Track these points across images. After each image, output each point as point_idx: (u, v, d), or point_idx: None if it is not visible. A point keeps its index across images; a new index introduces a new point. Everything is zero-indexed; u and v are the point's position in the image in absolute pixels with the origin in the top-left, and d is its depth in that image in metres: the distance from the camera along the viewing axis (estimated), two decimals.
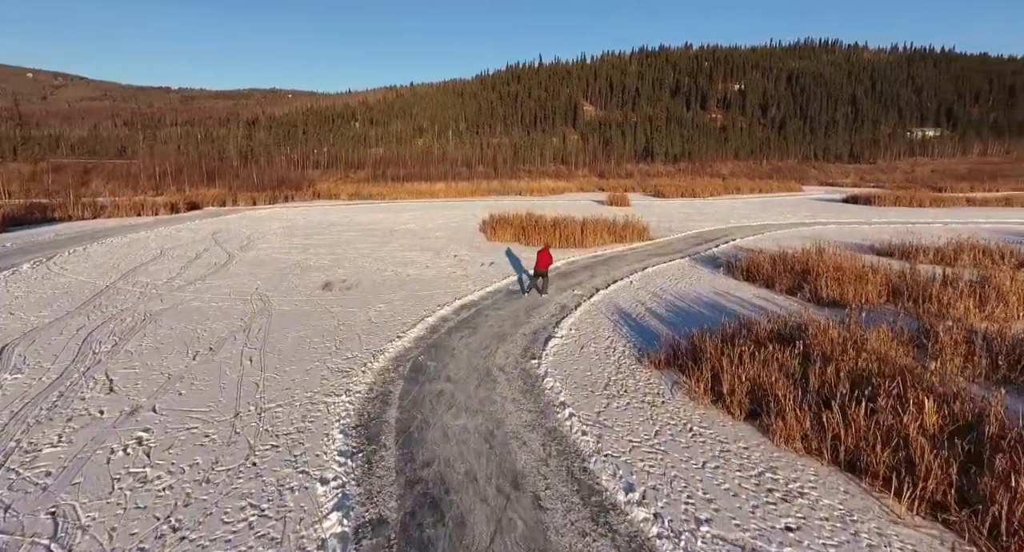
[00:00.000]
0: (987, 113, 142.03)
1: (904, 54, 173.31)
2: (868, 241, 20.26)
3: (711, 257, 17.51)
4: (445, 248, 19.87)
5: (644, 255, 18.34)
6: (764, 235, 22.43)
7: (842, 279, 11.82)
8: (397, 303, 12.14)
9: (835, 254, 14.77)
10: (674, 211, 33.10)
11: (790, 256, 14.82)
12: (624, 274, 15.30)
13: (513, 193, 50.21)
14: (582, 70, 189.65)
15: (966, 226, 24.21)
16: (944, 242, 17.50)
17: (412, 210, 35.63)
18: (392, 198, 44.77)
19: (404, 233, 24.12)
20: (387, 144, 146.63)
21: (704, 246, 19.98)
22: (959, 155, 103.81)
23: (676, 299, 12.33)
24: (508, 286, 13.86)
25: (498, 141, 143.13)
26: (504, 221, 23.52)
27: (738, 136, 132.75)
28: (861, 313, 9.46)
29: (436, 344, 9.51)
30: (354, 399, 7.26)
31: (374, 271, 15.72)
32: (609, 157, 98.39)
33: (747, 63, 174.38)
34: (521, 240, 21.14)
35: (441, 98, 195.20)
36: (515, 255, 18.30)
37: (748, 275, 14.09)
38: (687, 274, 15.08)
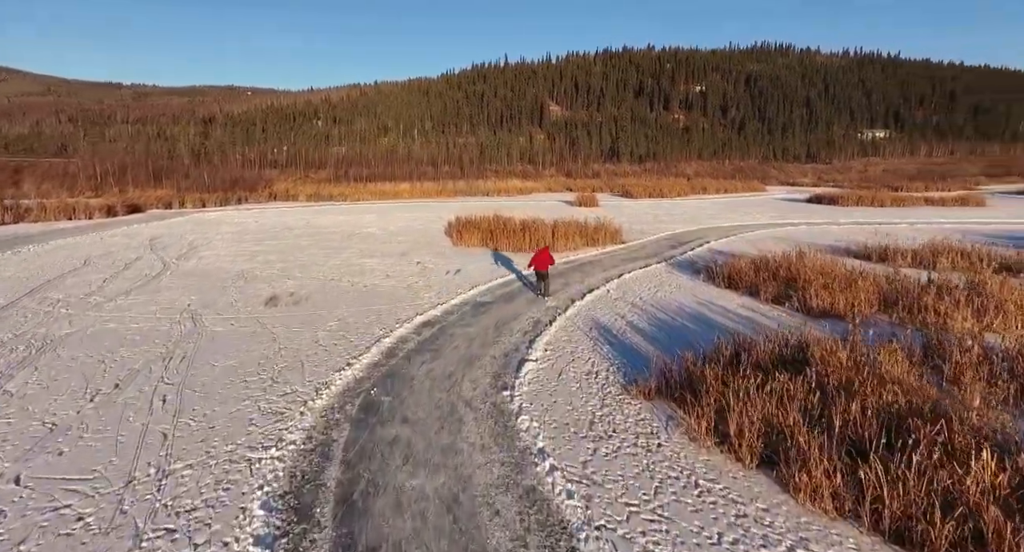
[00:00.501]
0: (930, 116, 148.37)
1: (854, 59, 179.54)
2: (842, 243, 19.82)
3: (688, 262, 16.64)
4: (407, 254, 18.43)
5: (619, 260, 17.35)
6: (737, 237, 21.80)
7: (832, 287, 11.01)
8: (351, 320, 10.70)
9: (817, 259, 14.07)
10: (644, 212, 32.42)
11: (772, 261, 14.03)
12: (600, 282, 14.23)
13: (480, 194, 48.87)
14: (547, 70, 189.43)
15: (930, 226, 24.21)
16: (919, 244, 17.11)
17: (374, 212, 33.89)
18: (354, 199, 42.79)
19: (364, 237, 22.52)
20: (351, 143, 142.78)
21: (679, 249, 19.15)
22: (907, 156, 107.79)
23: (658, 311, 11.29)
24: (476, 298, 12.59)
25: (464, 141, 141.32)
26: (471, 224, 22.20)
27: (701, 137, 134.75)
28: (865, 329, 8.59)
29: (393, 372, 8.17)
30: (286, 453, 5.87)
31: (328, 281, 14.19)
32: (576, 157, 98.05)
33: (707, 65, 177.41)
34: (489, 244, 19.88)
35: (406, 97, 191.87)
36: (483, 262, 17.03)
37: (730, 282, 13.21)
38: (666, 281, 14.11)
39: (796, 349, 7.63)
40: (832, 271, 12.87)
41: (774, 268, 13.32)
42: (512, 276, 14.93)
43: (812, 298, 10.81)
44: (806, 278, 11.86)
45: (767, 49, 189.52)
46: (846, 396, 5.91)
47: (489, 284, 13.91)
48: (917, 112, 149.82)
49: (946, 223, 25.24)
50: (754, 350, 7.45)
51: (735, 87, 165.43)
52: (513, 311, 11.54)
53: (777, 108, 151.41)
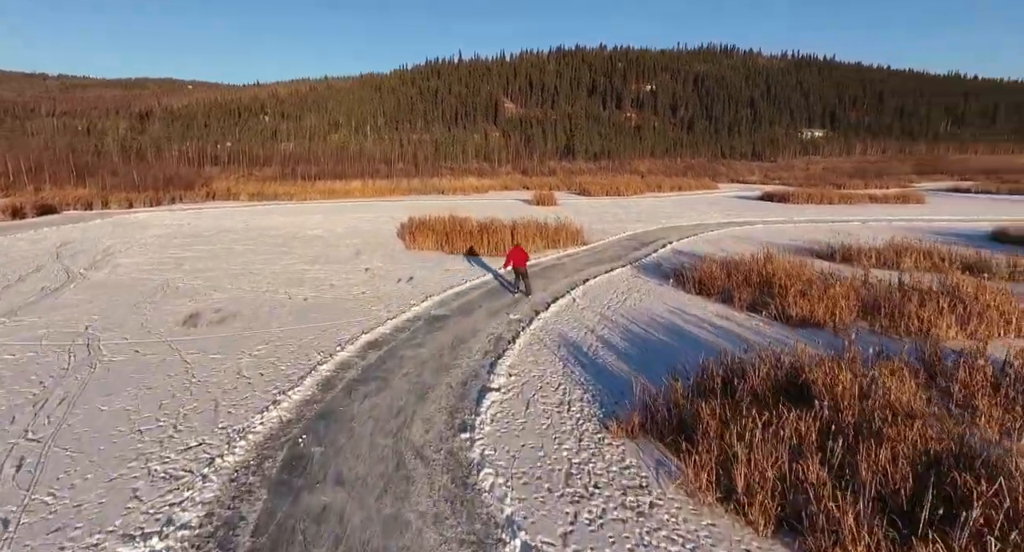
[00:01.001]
0: (862, 116, 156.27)
1: (792, 61, 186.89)
2: (802, 242, 19.55)
3: (654, 265, 15.81)
4: (355, 259, 16.83)
5: (582, 263, 16.34)
6: (699, 237, 21.26)
7: (809, 294, 10.29)
8: (284, 343, 9.17)
9: (786, 261, 13.47)
10: (603, 211, 31.73)
11: (741, 264, 13.34)
12: (564, 288, 13.14)
13: (435, 192, 47.17)
14: (502, 67, 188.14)
15: (880, 224, 24.49)
16: (879, 243, 16.92)
17: (322, 212, 31.77)
18: (301, 198, 40.29)
19: (309, 241, 20.66)
20: (299, 140, 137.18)
21: (643, 251, 18.34)
22: (844, 154, 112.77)
23: (630, 322, 10.29)
24: (430, 310, 11.24)
25: (419, 137, 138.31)
26: (425, 225, 20.74)
27: (652, 135, 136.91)
28: (859, 344, 7.81)
29: (329, 411, 6.77)
30: (174, 543, 4.42)
31: (262, 294, 12.49)
32: (532, 155, 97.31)
33: (657, 65, 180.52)
34: (444, 248, 18.50)
35: (358, 92, 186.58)
36: (437, 267, 15.65)
37: (701, 287, 12.38)
38: (634, 287, 13.17)
39: (791, 371, 6.71)
40: (804, 274, 12.26)
41: (745, 272, 12.60)
42: (470, 284, 13.64)
43: (790, 306, 10.05)
44: (781, 283, 11.14)
45: (713, 50, 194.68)
46: (868, 437, 4.98)
47: (445, 294, 12.58)
48: (851, 113, 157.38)
49: (895, 221, 25.63)
50: (747, 374, 6.47)
51: (684, 87, 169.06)
52: (472, 325, 10.27)
53: (723, 108, 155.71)
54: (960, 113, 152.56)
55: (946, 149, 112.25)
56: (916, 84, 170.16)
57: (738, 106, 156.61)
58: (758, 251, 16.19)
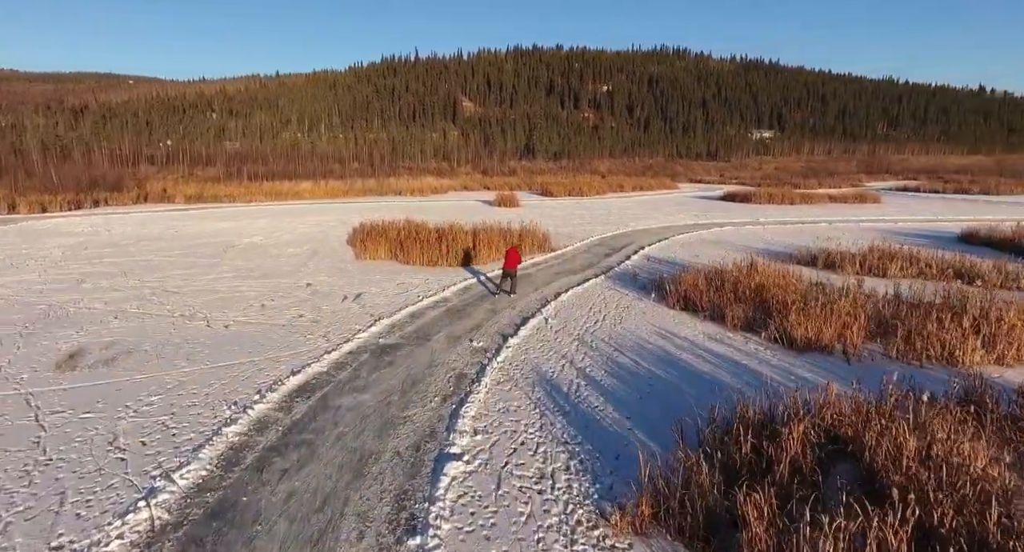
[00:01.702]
0: (807, 118, 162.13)
1: (741, 64, 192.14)
2: (779, 246, 18.66)
3: (629, 274, 14.41)
4: (297, 272, 14.72)
5: (551, 273, 14.78)
6: (670, 240, 20.11)
7: (812, 310, 9.03)
8: (186, 391, 7.16)
9: (772, 269, 12.30)
10: (568, 213, 30.36)
11: (725, 274, 12.09)
12: (534, 306, 11.54)
13: (392, 193, 44.81)
14: (460, 66, 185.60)
15: (848, 225, 24.07)
16: (860, 248, 16.10)
17: (267, 216, 29.10)
18: (245, 200, 37.23)
19: (245, 250, 18.32)
20: (250, 138, 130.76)
21: (614, 258, 16.96)
22: (794, 154, 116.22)
23: (613, 349, 8.77)
24: (379, 338, 9.40)
25: (375, 136, 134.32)
26: (377, 231, 18.73)
27: (610, 135, 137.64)
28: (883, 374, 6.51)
29: (227, 505, 4.89)
30: None
31: (175, 320, 10.33)
32: (491, 154, 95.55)
33: (613, 66, 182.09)
34: (399, 257, 16.59)
35: (311, 90, 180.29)
36: (390, 281, 13.75)
37: (686, 303, 11.01)
38: (611, 302, 11.69)
39: (831, 427, 5.29)
40: (794, 285, 11.09)
41: (731, 283, 11.33)
42: (427, 300, 11.85)
43: (792, 326, 8.75)
44: (777, 299, 9.86)
45: (666, 52, 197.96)
46: None
47: (398, 315, 10.75)
48: (796, 114, 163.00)
49: (861, 222, 25.30)
50: (782, 438, 4.99)
51: (639, 87, 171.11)
52: (428, 358, 8.51)
53: (678, 108, 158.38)
54: (895, 115, 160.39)
55: (885, 149, 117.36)
56: (855, 88, 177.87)
57: (691, 107, 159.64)
58: (737, 257, 15.09)
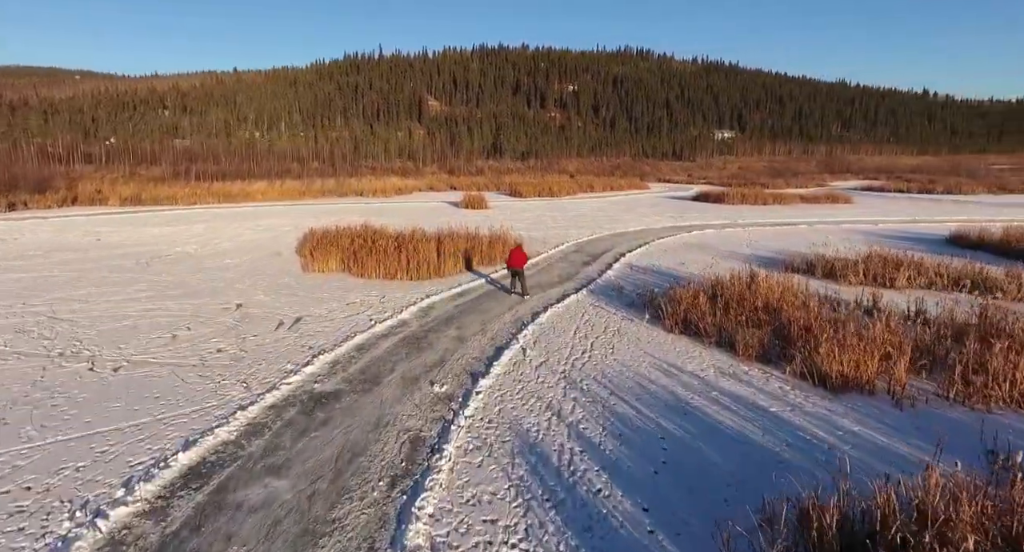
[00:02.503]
0: (766, 119, 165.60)
1: (703, 65, 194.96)
2: (766, 251, 17.37)
3: (614, 287, 12.72)
4: (228, 290, 12.45)
5: (526, 287, 12.97)
6: (651, 246, 18.59)
7: (841, 338, 7.48)
8: (9, 487, 5.00)
9: (773, 280, 10.81)
10: (539, 215, 28.63)
11: (724, 288, 10.54)
12: (508, 330, 9.70)
13: (353, 194, 42.19)
14: (425, 64, 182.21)
15: (827, 226, 23.13)
16: (855, 253, 14.90)
17: (211, 220, 26.32)
18: (190, 202, 34.08)
19: (174, 261, 15.84)
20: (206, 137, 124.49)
21: (594, 267, 15.28)
22: (756, 154, 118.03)
23: (609, 394, 7.01)
24: (314, 383, 7.38)
25: (338, 134, 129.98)
26: (329, 239, 16.56)
27: (577, 134, 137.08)
28: (946, 426, 4.94)
29: None
30: None
31: (49, 360, 8.02)
32: (458, 154, 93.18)
33: (578, 66, 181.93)
34: (352, 269, 14.47)
35: (271, 87, 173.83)
36: (337, 301, 11.66)
37: (686, 325, 9.37)
38: (598, 325, 9.95)
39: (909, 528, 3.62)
40: (802, 299, 9.62)
41: (736, 299, 9.77)
42: (381, 326, 9.85)
43: (823, 358, 7.17)
44: (797, 321, 8.30)
45: (630, 53, 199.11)
46: None
47: (342, 348, 8.73)
48: (755, 115, 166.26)
49: (840, 222, 24.43)
50: None
51: (604, 87, 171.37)
52: (375, 413, 6.56)
53: (642, 109, 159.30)
54: (848, 117, 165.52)
55: (841, 150, 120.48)
56: (810, 90, 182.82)
57: (655, 107, 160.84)
58: (725, 265, 13.64)
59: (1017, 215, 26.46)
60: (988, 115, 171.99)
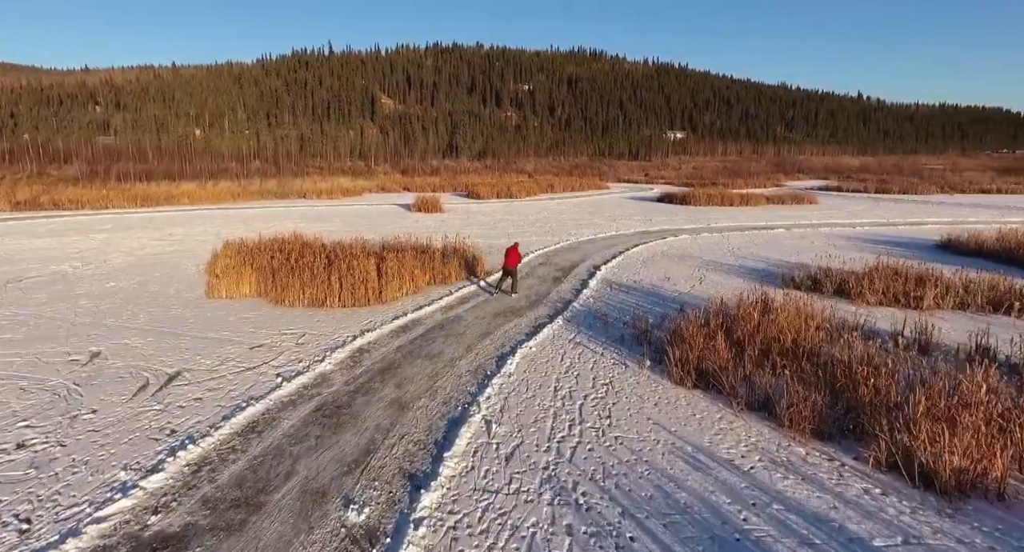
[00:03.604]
0: (715, 120, 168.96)
1: (654, 67, 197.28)
2: (755, 261, 15.45)
3: (596, 314, 10.29)
4: (95, 327, 9.27)
5: (487, 316, 10.37)
6: (626, 255, 16.37)
7: (935, 409, 5.27)
8: None
9: (796, 306, 8.67)
10: (498, 219, 26.06)
11: (733, 312, 8.32)
12: (464, 389, 7.09)
13: (295, 195, 38.40)
14: (377, 61, 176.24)
15: (805, 230, 21.61)
16: (860, 264, 13.09)
17: (115, 229, 22.38)
18: (99, 207, 29.62)
19: (40, 286, 12.35)
20: (141, 134, 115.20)
21: (567, 285, 12.84)
22: (709, 154, 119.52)
23: (619, 515, 4.52)
24: (156, 506, 4.53)
25: (286, 133, 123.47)
26: (248, 253, 13.46)
27: (534, 134, 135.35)
28: None
29: None
30: None
31: None
32: (412, 153, 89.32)
33: (533, 65, 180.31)
34: (269, 294, 11.48)
35: (214, 83, 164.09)
36: (243, 340, 8.70)
37: (699, 374, 7.02)
38: (584, 376, 7.48)
39: None
40: (838, 333, 7.49)
41: (759, 335, 7.54)
42: (290, 387, 7.04)
43: (921, 442, 4.92)
44: (865, 380, 6.06)
45: (583, 54, 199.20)
46: None
47: (221, 431, 5.89)
48: (705, 116, 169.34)
49: (815, 225, 23.02)
50: None
51: (559, 87, 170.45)
52: None
53: (597, 109, 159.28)
54: (791, 118, 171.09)
55: (787, 150, 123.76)
56: (754, 92, 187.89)
57: (610, 107, 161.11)
58: (716, 279, 11.53)
59: (984, 216, 25.95)
60: (915, 118, 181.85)
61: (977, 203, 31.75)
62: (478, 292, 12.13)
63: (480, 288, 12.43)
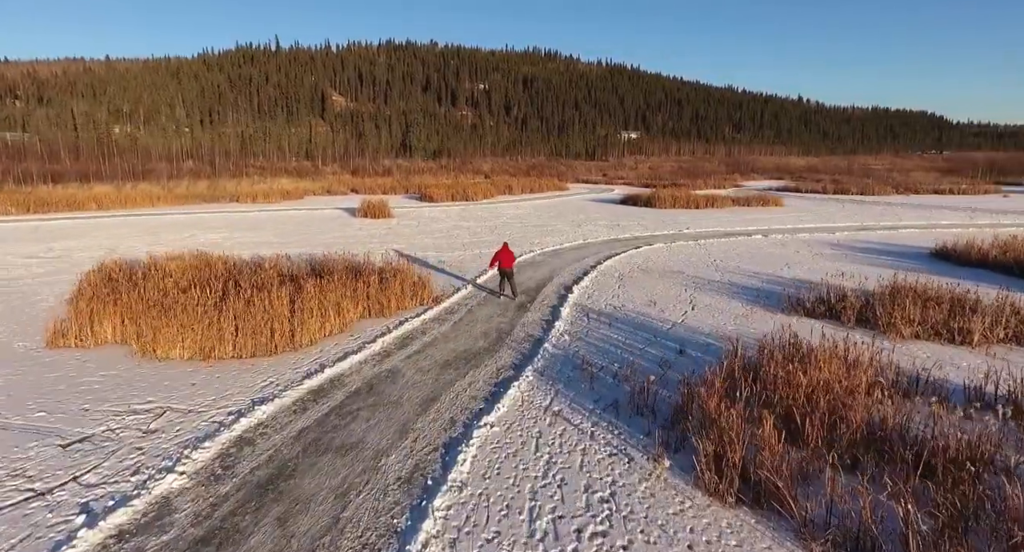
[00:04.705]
0: (667, 121, 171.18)
1: (607, 68, 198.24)
2: (745, 276, 13.44)
3: (575, 361, 7.82)
4: None
5: (433, 363, 7.72)
6: (599, 271, 14.06)
7: None
8: None
9: (825, 348, 6.50)
10: (453, 226, 23.34)
11: (775, 379, 6.05)
12: (387, 523, 4.44)
13: (227, 199, 34.33)
14: (327, 58, 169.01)
15: (783, 237, 19.97)
16: (869, 282, 11.22)
17: None
18: None
19: None
20: (63, 130, 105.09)
21: (534, 315, 10.33)
22: (663, 154, 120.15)
23: None
24: None
25: (230, 130, 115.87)
26: (118, 280, 10.29)
27: (491, 134, 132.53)
28: None
29: None
30: None
31: None
32: (364, 151, 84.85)
33: (488, 65, 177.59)
34: (140, 338, 8.40)
35: (150, 77, 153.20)
36: (60, 432, 5.69)
37: (744, 480, 4.65)
38: (571, 485, 4.97)
39: None
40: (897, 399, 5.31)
41: (803, 399, 5.27)
42: (102, 531, 4.17)
43: None
44: None
45: (538, 54, 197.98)
46: None
47: None
48: (657, 117, 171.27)
49: (790, 230, 21.48)
50: None
51: (515, 87, 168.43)
52: None
53: (553, 109, 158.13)
54: (739, 120, 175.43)
55: (737, 151, 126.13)
56: (703, 94, 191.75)
57: (565, 107, 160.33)
58: (708, 301, 9.35)
59: (954, 219, 25.29)
60: (851, 121, 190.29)
61: (939, 204, 31.44)
62: (423, 327, 9.46)
63: (425, 324, 9.76)
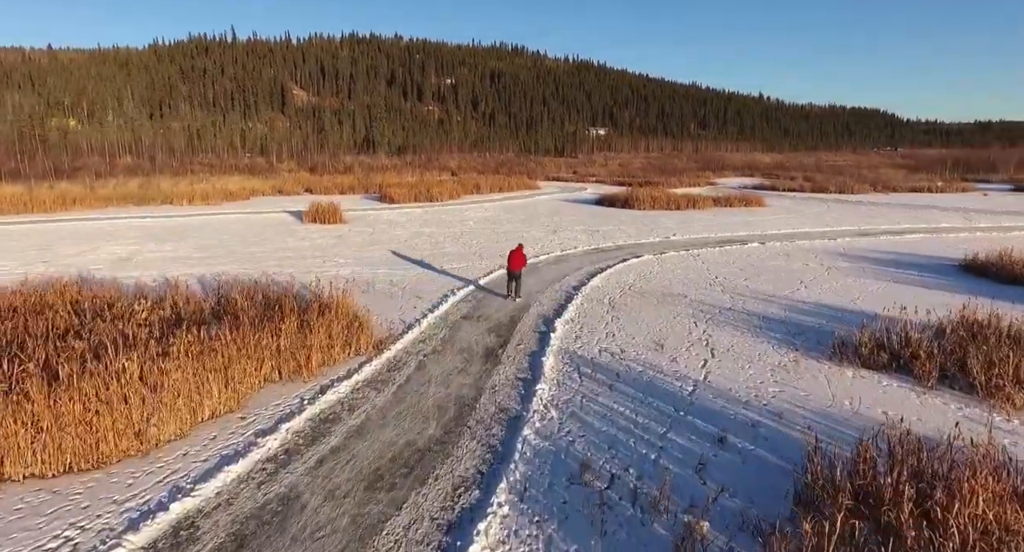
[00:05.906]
0: (634, 117, 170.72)
1: (574, 64, 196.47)
2: (761, 300, 11.12)
3: (570, 464, 5.21)
4: None
5: (356, 481, 4.91)
6: (584, 294, 11.53)
7: None
8: None
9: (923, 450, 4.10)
10: (414, 234, 20.41)
11: (899, 522, 3.57)
12: None
13: (159, 201, 30.35)
14: (288, 50, 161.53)
15: (782, 244, 17.87)
16: (943, 318, 9.01)
17: None
18: None
19: None
20: None
21: (507, 372, 7.68)
22: (632, 151, 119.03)
23: None
24: None
25: (182, 125, 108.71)
26: None
27: (458, 129, 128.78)
28: None
29: None
30: None
31: None
32: (324, 147, 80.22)
33: (455, 59, 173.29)
34: None
35: (97, 69, 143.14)
36: None
37: None
38: None
39: None
40: None
41: None
42: None
43: None
44: None
45: (505, 49, 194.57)
46: None
47: None
48: (625, 113, 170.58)
49: (792, 236, 19.44)
50: None
51: (482, 82, 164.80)
52: None
53: (521, 104, 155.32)
54: (703, 116, 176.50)
55: (704, 147, 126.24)
56: (669, 91, 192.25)
57: (533, 103, 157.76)
58: (728, 341, 6.93)
59: (954, 221, 23.84)
60: (810, 118, 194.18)
61: (924, 204, 30.23)
62: (352, 400, 6.68)
63: (357, 388, 6.97)
